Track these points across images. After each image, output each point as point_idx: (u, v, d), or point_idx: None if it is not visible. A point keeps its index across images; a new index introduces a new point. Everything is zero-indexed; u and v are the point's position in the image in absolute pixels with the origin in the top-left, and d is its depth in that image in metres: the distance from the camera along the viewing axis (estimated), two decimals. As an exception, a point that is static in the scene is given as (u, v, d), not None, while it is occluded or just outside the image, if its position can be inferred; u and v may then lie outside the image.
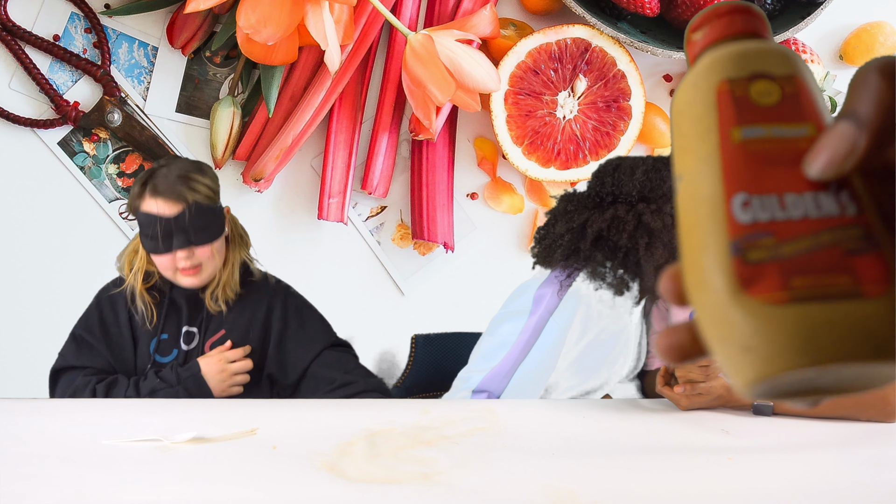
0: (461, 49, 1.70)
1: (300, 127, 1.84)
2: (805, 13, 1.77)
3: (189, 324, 1.43)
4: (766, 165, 0.26)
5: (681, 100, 0.29)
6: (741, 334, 0.24)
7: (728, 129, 0.27)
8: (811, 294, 0.24)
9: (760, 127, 0.27)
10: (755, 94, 0.27)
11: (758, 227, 0.25)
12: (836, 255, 0.24)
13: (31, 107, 1.89)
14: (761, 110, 0.27)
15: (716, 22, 0.29)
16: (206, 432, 1.04)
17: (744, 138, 0.26)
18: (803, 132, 0.27)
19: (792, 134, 0.26)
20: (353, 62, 1.83)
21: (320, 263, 1.97)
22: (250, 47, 1.66)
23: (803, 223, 0.25)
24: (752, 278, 0.25)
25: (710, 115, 0.27)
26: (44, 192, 1.92)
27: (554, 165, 1.89)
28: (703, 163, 0.27)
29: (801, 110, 0.27)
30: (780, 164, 0.26)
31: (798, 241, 0.25)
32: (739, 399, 1.20)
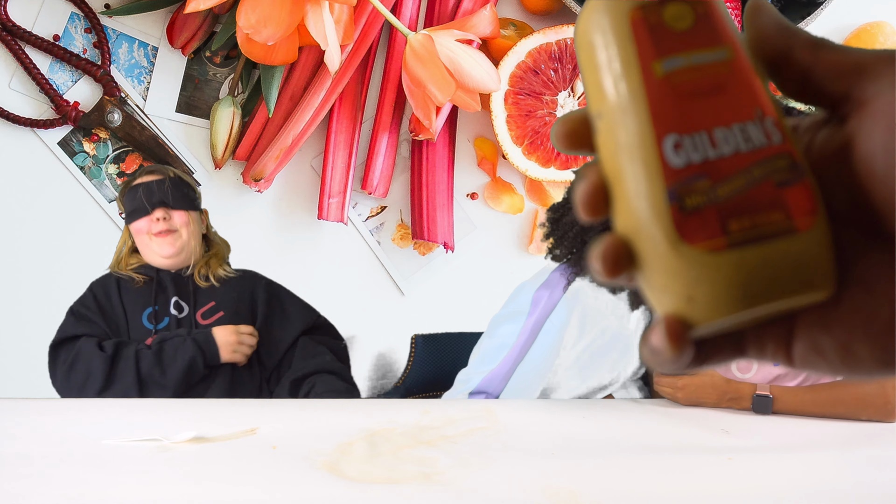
0: (461, 49, 1.70)
1: (300, 127, 1.84)
2: (805, 13, 1.77)
3: (177, 296, 1.50)
4: (692, 99, 0.25)
5: (588, 28, 0.27)
6: (683, 284, 0.25)
7: (649, 63, 0.25)
8: (748, 237, 0.24)
9: (680, 56, 0.25)
10: (669, 20, 0.25)
11: (691, 169, 0.25)
12: (768, 191, 0.24)
13: (31, 107, 1.89)
14: (678, 36, 0.25)
15: None
16: (206, 432, 1.04)
17: (665, 71, 0.25)
18: (723, 55, 0.25)
19: (712, 59, 0.25)
20: (353, 62, 1.83)
21: (320, 263, 1.97)
22: (250, 47, 1.66)
23: (735, 159, 0.25)
24: (690, 226, 0.24)
25: (627, 48, 0.26)
26: (44, 192, 1.92)
27: (554, 165, 1.89)
28: (627, 101, 0.25)
29: (717, 31, 0.26)
30: (705, 96, 0.25)
31: (732, 181, 0.24)
32: (740, 389, 1.20)
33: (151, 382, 1.39)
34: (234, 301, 1.50)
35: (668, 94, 0.25)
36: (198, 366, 1.41)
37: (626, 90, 0.25)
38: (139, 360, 1.39)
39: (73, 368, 1.40)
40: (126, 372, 1.38)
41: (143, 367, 1.38)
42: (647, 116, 0.25)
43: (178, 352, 1.40)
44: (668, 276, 0.25)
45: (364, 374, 1.94)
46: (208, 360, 1.43)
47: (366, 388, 1.91)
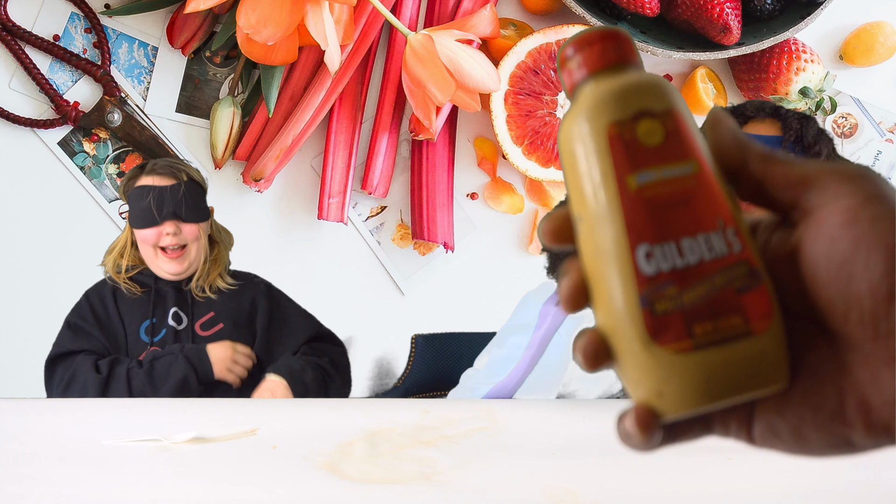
0: (461, 49, 1.70)
1: (300, 127, 1.84)
2: (805, 13, 1.77)
3: (177, 306, 1.46)
4: (662, 211, 0.27)
5: (570, 135, 0.29)
6: (654, 380, 0.27)
7: (623, 177, 0.28)
8: (710, 340, 0.27)
9: (651, 171, 0.28)
10: (642, 136, 0.28)
11: (661, 277, 0.27)
12: (728, 297, 0.27)
13: (31, 107, 1.89)
14: (649, 152, 0.28)
15: (588, 51, 0.30)
16: (206, 432, 1.04)
17: (639, 184, 0.28)
18: (690, 169, 0.28)
19: (680, 173, 0.28)
20: (353, 62, 1.83)
21: (320, 263, 1.97)
22: (250, 47, 1.66)
23: (699, 267, 0.27)
24: (660, 330, 0.27)
25: (604, 161, 0.28)
26: (44, 192, 1.92)
27: (554, 165, 1.89)
28: (604, 210, 0.28)
29: (686, 146, 0.28)
30: (674, 208, 0.28)
31: (696, 288, 0.27)
32: None
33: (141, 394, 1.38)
34: (233, 311, 1.47)
35: (641, 206, 0.28)
36: (190, 383, 1.38)
37: (603, 200, 0.28)
38: (130, 380, 1.37)
39: (70, 387, 1.38)
40: (118, 393, 1.37)
41: (134, 387, 1.36)
42: (622, 226, 0.28)
43: (171, 370, 1.38)
44: (641, 371, 0.27)
45: (364, 374, 1.94)
46: (201, 377, 1.40)
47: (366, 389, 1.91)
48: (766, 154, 0.29)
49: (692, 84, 1.91)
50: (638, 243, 0.27)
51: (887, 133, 1.99)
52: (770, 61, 1.83)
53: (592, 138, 0.28)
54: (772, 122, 1.36)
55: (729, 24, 1.75)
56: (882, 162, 2.00)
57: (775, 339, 0.27)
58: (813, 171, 0.27)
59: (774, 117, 1.36)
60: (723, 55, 1.79)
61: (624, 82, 0.29)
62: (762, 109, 1.37)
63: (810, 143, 1.32)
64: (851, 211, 0.26)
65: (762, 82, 1.85)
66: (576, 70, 0.30)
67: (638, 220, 0.27)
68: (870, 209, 0.26)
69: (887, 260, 0.25)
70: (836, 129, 1.99)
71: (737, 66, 1.92)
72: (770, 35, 1.78)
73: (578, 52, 0.30)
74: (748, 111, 1.37)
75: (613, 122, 0.28)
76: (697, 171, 0.28)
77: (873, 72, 1.96)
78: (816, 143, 1.33)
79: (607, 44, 0.30)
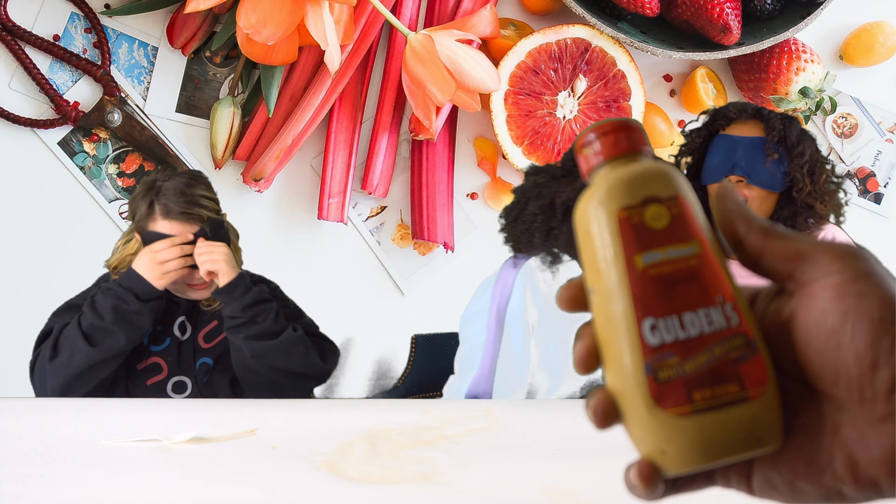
0: (461, 49, 1.70)
1: (300, 127, 1.84)
2: (805, 13, 1.77)
3: (185, 315, 1.44)
4: (666, 288, 0.31)
5: (585, 217, 0.33)
6: (657, 439, 0.30)
7: (631, 257, 0.31)
8: (709, 405, 0.30)
9: (657, 252, 0.31)
10: (649, 220, 0.31)
11: (664, 348, 0.30)
12: (726, 366, 0.30)
13: (31, 107, 1.89)
14: (656, 234, 0.31)
15: (604, 139, 0.33)
16: (206, 432, 1.04)
17: (645, 264, 0.31)
18: (692, 250, 0.31)
19: (684, 254, 0.31)
20: (353, 62, 1.83)
21: (320, 263, 1.97)
22: (250, 47, 1.66)
23: (700, 339, 0.30)
24: (662, 395, 0.30)
25: (615, 242, 0.31)
26: (44, 192, 1.92)
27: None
28: (614, 286, 0.31)
29: (689, 229, 0.31)
30: (677, 285, 0.31)
31: (697, 357, 0.30)
32: None
33: (96, 332, 1.32)
34: None
35: (647, 284, 0.31)
36: (127, 301, 1.32)
37: (614, 276, 0.31)
38: (80, 321, 1.33)
39: (57, 353, 1.35)
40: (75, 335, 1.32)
41: (83, 324, 1.33)
42: (629, 301, 0.31)
43: (107, 296, 1.33)
44: (645, 431, 0.31)
45: (364, 374, 1.94)
46: (140, 293, 1.33)
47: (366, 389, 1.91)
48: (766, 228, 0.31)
49: (692, 84, 1.91)
50: (644, 317, 0.30)
51: (887, 133, 1.99)
52: (770, 61, 1.83)
53: (605, 220, 0.32)
54: (755, 124, 1.36)
55: (729, 24, 1.75)
56: (882, 162, 2.00)
57: (769, 404, 0.30)
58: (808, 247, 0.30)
59: (757, 118, 1.36)
60: (723, 55, 1.79)
61: (634, 170, 0.32)
62: (744, 111, 1.37)
63: (794, 143, 1.33)
64: (840, 286, 0.29)
65: (762, 82, 1.85)
66: (592, 156, 0.33)
67: (644, 296, 0.31)
68: (857, 286, 0.28)
69: (871, 332, 0.28)
70: (836, 129, 1.99)
71: (737, 66, 1.92)
72: (770, 35, 1.78)
73: (596, 140, 0.33)
74: (731, 113, 1.37)
75: (624, 206, 0.32)
76: (699, 252, 0.31)
77: (873, 72, 1.96)
78: (800, 143, 1.33)
79: (621, 134, 0.33)
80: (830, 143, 1.98)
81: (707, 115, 1.42)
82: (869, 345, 0.28)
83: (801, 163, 1.33)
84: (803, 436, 0.30)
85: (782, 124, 1.34)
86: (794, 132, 1.34)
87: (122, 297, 1.33)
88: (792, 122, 1.35)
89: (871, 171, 2.00)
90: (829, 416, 0.30)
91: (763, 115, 1.36)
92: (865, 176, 2.00)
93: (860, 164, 2.00)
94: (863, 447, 0.28)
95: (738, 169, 1.34)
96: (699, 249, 0.31)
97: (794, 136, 1.33)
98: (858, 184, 2.00)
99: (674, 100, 1.97)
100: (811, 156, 1.34)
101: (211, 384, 1.41)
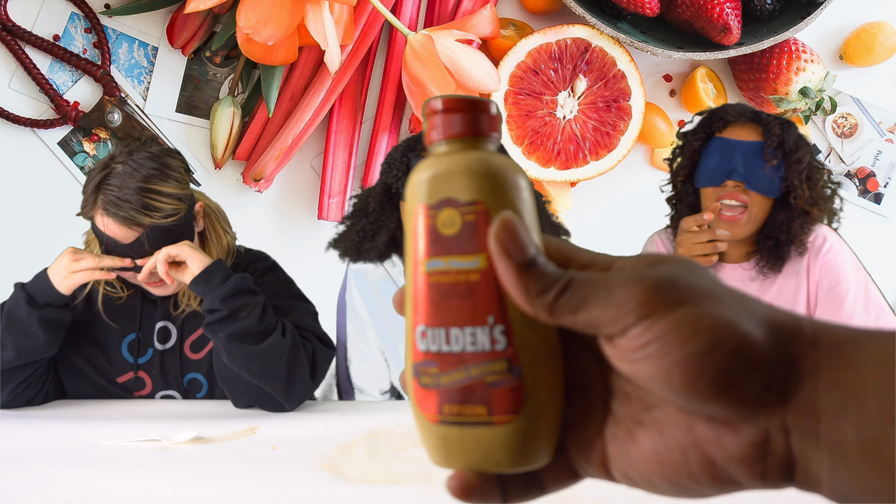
0: (461, 49, 1.70)
1: (300, 127, 1.84)
2: (805, 13, 1.77)
3: (164, 318, 1.30)
4: (441, 298, 0.30)
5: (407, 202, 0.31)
6: (420, 430, 0.31)
7: (418, 259, 0.30)
8: (453, 420, 0.30)
9: (440, 259, 0.30)
10: (440, 225, 0.30)
11: (428, 356, 0.30)
12: (478, 388, 0.30)
13: (31, 107, 1.89)
14: (444, 241, 0.30)
15: (444, 116, 0.31)
16: (206, 432, 1.04)
17: (427, 270, 0.30)
18: (474, 264, 0.29)
19: (465, 266, 0.30)
20: (353, 62, 1.83)
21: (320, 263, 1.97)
22: (250, 47, 1.66)
23: (460, 356, 0.30)
24: (421, 398, 0.31)
25: (411, 240, 0.31)
26: (44, 192, 1.92)
27: (554, 165, 1.89)
28: (407, 283, 0.31)
29: (477, 241, 0.29)
30: (451, 297, 0.30)
31: (452, 373, 0.30)
32: None
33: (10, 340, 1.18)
34: None
35: (426, 290, 0.30)
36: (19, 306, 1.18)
37: (409, 274, 0.31)
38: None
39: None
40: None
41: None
42: (412, 303, 0.31)
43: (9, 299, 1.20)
44: (414, 417, 0.32)
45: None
46: (38, 298, 1.18)
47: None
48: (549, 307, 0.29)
49: (692, 84, 1.91)
50: (418, 322, 0.30)
51: (887, 133, 1.99)
52: (770, 61, 1.83)
53: (410, 214, 0.31)
54: (752, 127, 1.36)
55: (729, 24, 1.75)
56: (882, 162, 2.00)
57: (517, 432, 0.29)
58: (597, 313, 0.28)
59: (755, 122, 1.36)
60: (723, 55, 1.79)
61: (442, 167, 0.30)
62: (743, 114, 1.36)
63: (792, 149, 1.32)
64: (639, 338, 0.27)
65: (762, 82, 1.85)
66: (432, 129, 0.31)
67: (422, 302, 0.30)
68: (655, 332, 0.26)
69: (684, 374, 0.26)
70: (836, 129, 1.99)
71: (737, 66, 1.92)
72: (770, 35, 1.78)
73: (439, 113, 0.31)
74: (728, 115, 1.37)
75: (423, 204, 0.30)
76: (482, 267, 0.29)
77: (873, 72, 1.96)
78: (798, 149, 1.33)
79: (465, 115, 0.31)
80: (830, 143, 1.98)
81: (703, 116, 1.41)
82: (688, 385, 0.26)
83: (799, 169, 1.32)
84: (655, 431, 0.29)
85: (780, 129, 1.33)
86: (792, 137, 1.33)
87: (17, 300, 1.19)
88: (790, 126, 1.35)
89: (871, 171, 2.00)
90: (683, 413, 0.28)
91: (761, 119, 1.35)
92: (865, 176, 2.00)
93: (860, 164, 2.00)
94: (719, 446, 0.27)
95: (735, 174, 1.33)
96: (483, 265, 0.29)
97: (792, 141, 1.33)
98: (858, 184, 2.00)
99: (674, 100, 1.97)
100: (809, 162, 1.34)
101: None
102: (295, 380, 1.17)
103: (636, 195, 1.94)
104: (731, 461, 0.27)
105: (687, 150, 1.41)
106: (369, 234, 1.34)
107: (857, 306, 1.33)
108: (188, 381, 1.31)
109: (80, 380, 1.31)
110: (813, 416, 0.26)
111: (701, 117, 1.42)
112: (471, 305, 0.30)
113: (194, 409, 1.22)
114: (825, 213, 1.37)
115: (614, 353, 0.28)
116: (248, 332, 1.14)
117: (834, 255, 1.36)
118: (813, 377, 0.26)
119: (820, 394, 0.26)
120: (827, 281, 1.35)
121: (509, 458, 0.30)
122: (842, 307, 1.33)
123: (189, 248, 1.19)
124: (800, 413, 0.26)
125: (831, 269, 1.35)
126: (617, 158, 1.90)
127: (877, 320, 1.32)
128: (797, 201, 1.33)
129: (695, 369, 0.26)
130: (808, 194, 1.33)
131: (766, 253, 1.37)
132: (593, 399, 0.31)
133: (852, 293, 1.33)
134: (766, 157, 1.32)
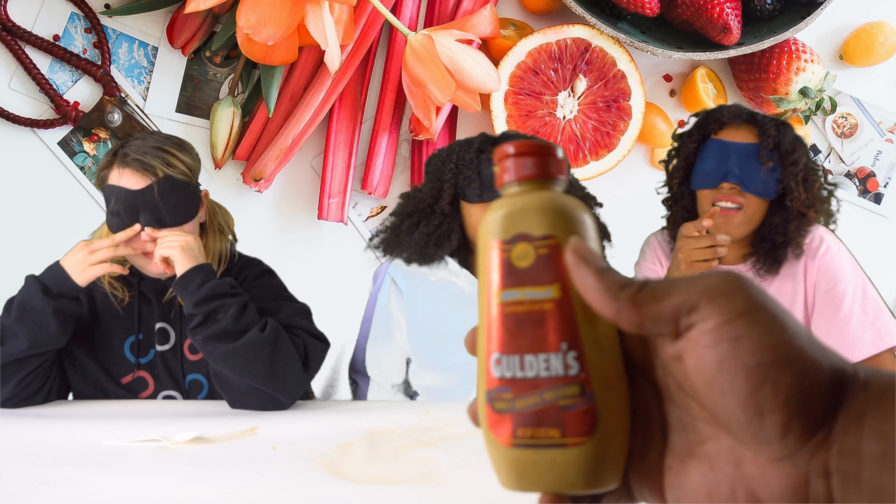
0: (461, 49, 1.69)
1: (300, 127, 1.84)
2: (805, 13, 1.77)
3: (162, 319, 1.31)
4: (516, 327, 0.32)
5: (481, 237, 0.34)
6: (492, 455, 0.33)
7: (495, 291, 0.33)
8: (528, 443, 0.32)
9: (515, 291, 0.32)
10: (515, 258, 0.32)
11: (503, 382, 0.32)
12: (552, 412, 0.31)
13: (31, 107, 1.89)
14: (518, 273, 0.32)
15: (516, 160, 0.34)
16: (206, 432, 1.04)
17: (503, 301, 0.32)
18: (548, 294, 0.32)
19: (539, 297, 0.32)
20: (353, 62, 1.83)
21: (320, 263, 1.97)
22: (250, 47, 1.66)
23: (534, 382, 0.32)
24: (495, 424, 0.32)
25: (486, 273, 0.33)
26: (44, 192, 1.92)
27: (554, 165, 1.89)
28: (482, 313, 0.33)
29: (550, 272, 0.32)
30: (526, 326, 0.32)
31: (527, 398, 0.32)
32: None
33: (4, 331, 1.20)
34: None
35: (501, 320, 0.32)
36: (33, 296, 1.19)
37: (483, 304, 0.33)
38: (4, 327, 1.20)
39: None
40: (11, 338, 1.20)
41: (5, 327, 1.20)
42: (485, 332, 0.33)
43: (22, 289, 1.21)
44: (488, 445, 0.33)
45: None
46: (53, 288, 1.20)
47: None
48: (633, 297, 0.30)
49: (692, 84, 1.91)
50: (492, 350, 0.33)
51: (887, 133, 1.99)
52: (770, 61, 1.83)
53: (485, 249, 0.33)
54: (748, 129, 1.35)
55: (729, 24, 1.75)
56: (882, 162, 2.00)
57: (589, 454, 0.31)
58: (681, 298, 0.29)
59: (751, 123, 1.35)
60: (723, 55, 1.79)
61: (515, 205, 0.33)
62: (738, 116, 1.35)
63: (788, 151, 1.32)
64: (714, 333, 0.28)
65: (762, 82, 1.85)
66: (504, 171, 0.34)
67: (496, 331, 0.32)
68: (731, 329, 0.28)
69: (749, 381, 0.27)
70: (836, 129, 1.99)
71: (737, 66, 1.92)
72: (770, 35, 1.78)
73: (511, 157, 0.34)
74: (723, 117, 1.36)
75: (497, 239, 0.33)
76: (556, 297, 0.32)
77: (873, 72, 1.96)
78: (794, 151, 1.32)
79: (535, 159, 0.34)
80: (830, 143, 1.98)
81: (698, 118, 1.40)
82: (749, 393, 0.27)
83: (795, 171, 1.32)
84: (707, 465, 0.30)
85: (776, 130, 1.32)
86: (788, 139, 1.33)
87: (30, 290, 1.21)
88: (786, 128, 1.34)
89: (871, 171, 2.00)
90: (732, 449, 0.29)
91: (757, 121, 1.35)
92: (865, 176, 2.00)
93: (860, 164, 2.00)
94: (764, 485, 0.28)
95: (731, 176, 1.33)
96: (556, 294, 0.32)
97: (788, 142, 1.32)
98: (858, 184, 2.00)
99: (674, 100, 1.97)
100: (805, 163, 1.33)
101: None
102: (285, 372, 1.16)
103: (636, 195, 1.94)
104: (774, 500, 0.28)
105: (682, 152, 1.41)
106: (440, 237, 1.34)
107: (854, 308, 1.33)
108: (189, 382, 1.31)
109: (85, 381, 1.31)
110: (856, 462, 0.26)
111: (696, 118, 1.41)
112: (544, 333, 0.32)
113: (194, 410, 1.22)
114: (822, 214, 1.36)
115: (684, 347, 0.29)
116: (226, 333, 1.16)
117: (831, 257, 1.35)
118: (858, 423, 0.27)
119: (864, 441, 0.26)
120: (824, 283, 1.35)
121: (582, 479, 0.31)
122: (839, 309, 1.33)
123: (180, 250, 1.20)
124: (844, 457, 0.26)
125: (828, 271, 1.35)
126: (617, 158, 1.90)
127: (874, 322, 1.32)
128: (793, 203, 1.33)
129: (760, 378, 0.27)
130: (804, 196, 1.33)
131: (762, 255, 1.37)
132: (653, 427, 0.32)
133: (850, 294, 1.33)
134: (761, 159, 1.32)
